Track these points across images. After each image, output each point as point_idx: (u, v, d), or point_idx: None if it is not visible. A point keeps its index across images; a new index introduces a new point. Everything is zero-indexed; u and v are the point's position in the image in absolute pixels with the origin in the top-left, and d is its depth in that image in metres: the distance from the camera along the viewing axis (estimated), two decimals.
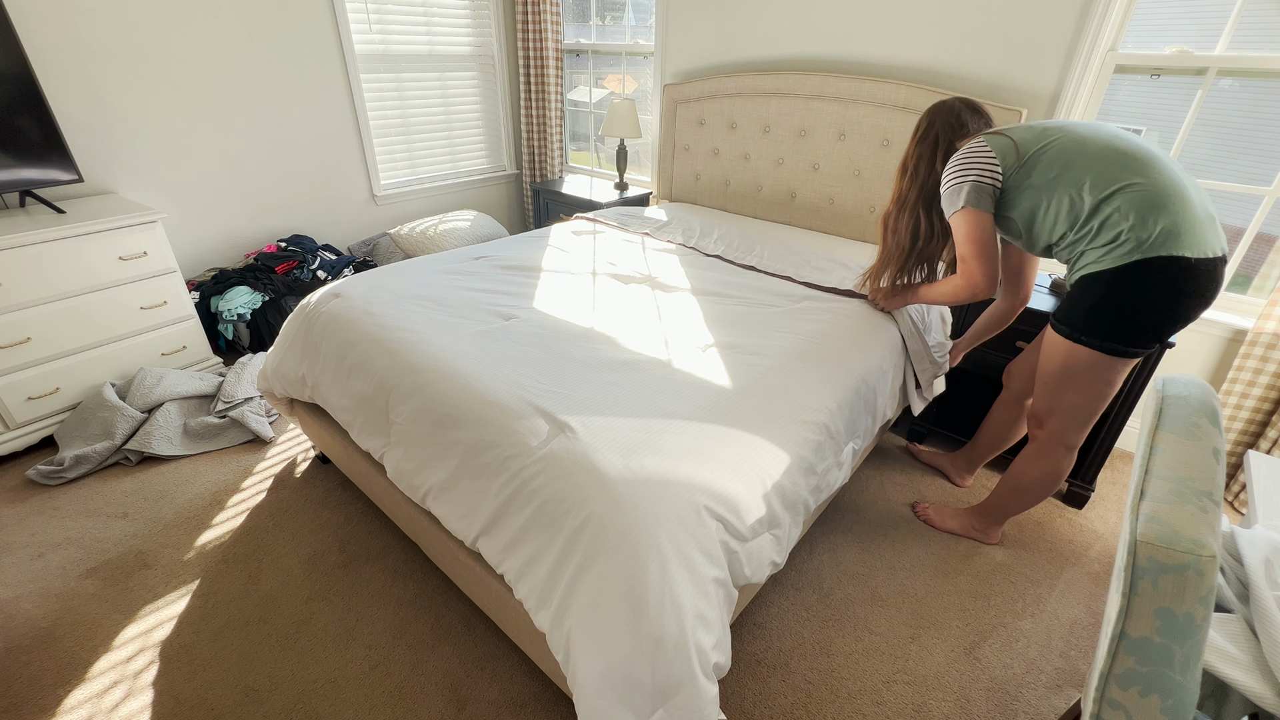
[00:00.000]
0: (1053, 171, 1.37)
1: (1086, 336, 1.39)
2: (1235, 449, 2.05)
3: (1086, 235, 1.35)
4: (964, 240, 1.48)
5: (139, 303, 2.27)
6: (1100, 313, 1.36)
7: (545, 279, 2.04)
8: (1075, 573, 1.79)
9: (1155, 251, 1.26)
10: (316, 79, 3.01)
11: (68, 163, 2.17)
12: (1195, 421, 0.87)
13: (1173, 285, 1.27)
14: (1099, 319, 1.36)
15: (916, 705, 1.41)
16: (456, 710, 1.37)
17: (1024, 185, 1.41)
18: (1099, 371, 1.42)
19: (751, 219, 2.90)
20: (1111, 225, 1.30)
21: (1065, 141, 1.38)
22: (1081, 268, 1.38)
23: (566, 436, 1.20)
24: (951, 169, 1.49)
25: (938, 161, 1.59)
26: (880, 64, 2.45)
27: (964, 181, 1.45)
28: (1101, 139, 1.35)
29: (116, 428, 2.09)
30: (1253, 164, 1.95)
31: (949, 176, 1.49)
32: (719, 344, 1.61)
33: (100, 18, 2.33)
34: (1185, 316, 1.31)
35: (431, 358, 1.48)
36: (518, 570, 1.17)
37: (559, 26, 3.57)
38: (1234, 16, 1.85)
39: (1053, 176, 1.37)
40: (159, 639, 1.51)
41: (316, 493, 2.01)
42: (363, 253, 3.35)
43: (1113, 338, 1.36)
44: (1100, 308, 1.35)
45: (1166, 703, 0.75)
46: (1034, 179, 1.39)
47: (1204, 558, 0.68)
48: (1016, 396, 1.84)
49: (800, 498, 1.31)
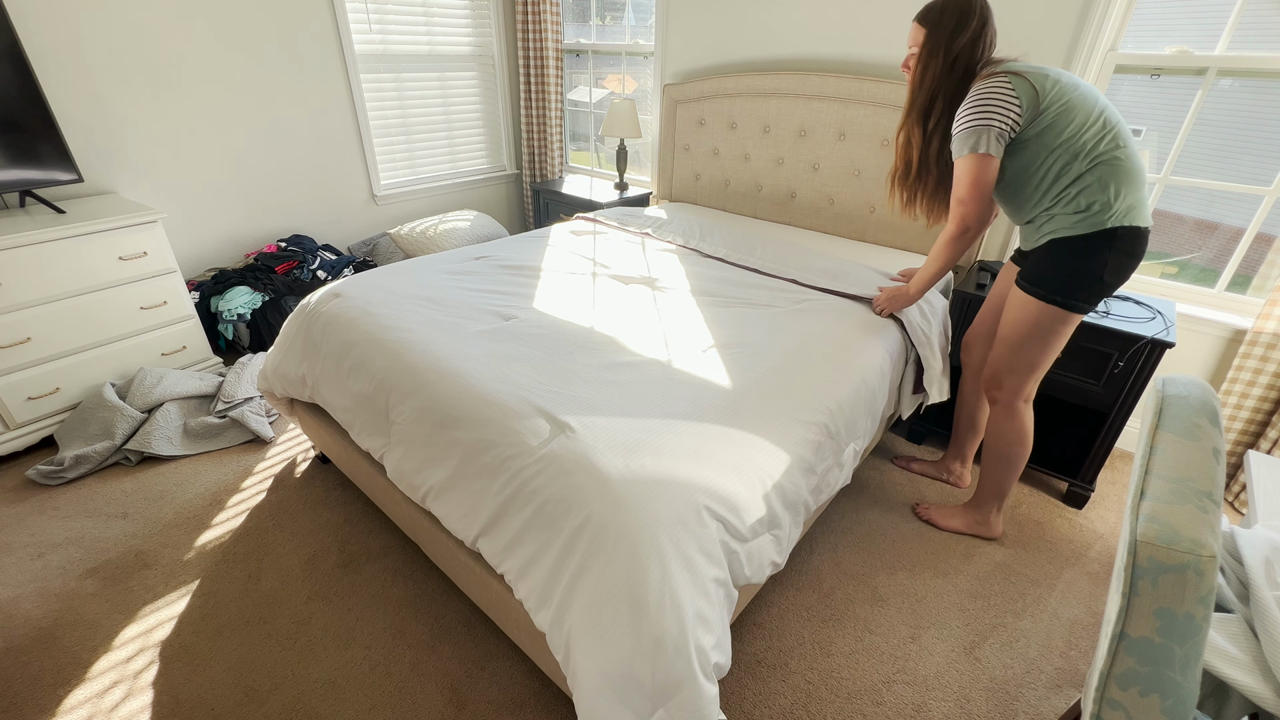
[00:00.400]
0: (1057, 130, 1.40)
1: (1061, 296, 1.49)
2: (1235, 449, 2.05)
3: (1063, 200, 1.42)
4: (969, 185, 1.47)
5: (139, 303, 2.27)
6: (1073, 274, 1.46)
7: (545, 279, 2.04)
8: (1075, 573, 1.79)
9: (1122, 221, 1.39)
10: (317, 79, 3.01)
11: (68, 163, 2.17)
12: (1195, 421, 0.87)
13: (1130, 251, 1.42)
14: (1070, 280, 1.47)
15: (916, 705, 1.41)
16: (456, 710, 1.37)
17: (1028, 137, 1.43)
18: (1064, 328, 1.53)
19: (752, 219, 2.90)
20: (1089, 194, 1.39)
21: (1070, 100, 1.39)
22: (1051, 232, 1.47)
23: (567, 436, 1.20)
24: (973, 109, 1.41)
25: (947, 71, 1.49)
26: (880, 64, 2.45)
27: (986, 127, 1.40)
28: (1094, 104, 1.40)
29: (116, 428, 2.09)
30: (1253, 164, 1.95)
31: (969, 116, 1.42)
32: (719, 344, 1.61)
33: (100, 18, 2.33)
34: (1128, 277, 1.48)
35: (432, 358, 1.48)
36: (518, 570, 1.17)
37: (559, 26, 3.57)
38: (1234, 16, 1.85)
39: (1057, 136, 1.40)
40: (159, 639, 1.51)
41: (316, 493, 2.01)
42: (363, 253, 3.35)
43: (1079, 297, 1.48)
44: (1073, 270, 1.45)
45: (1166, 703, 0.75)
46: (1042, 135, 1.41)
47: (1204, 558, 0.68)
48: (980, 364, 1.90)
49: (800, 498, 1.31)
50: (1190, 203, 2.19)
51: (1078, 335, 1.87)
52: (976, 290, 2.03)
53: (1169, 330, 1.77)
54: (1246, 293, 2.07)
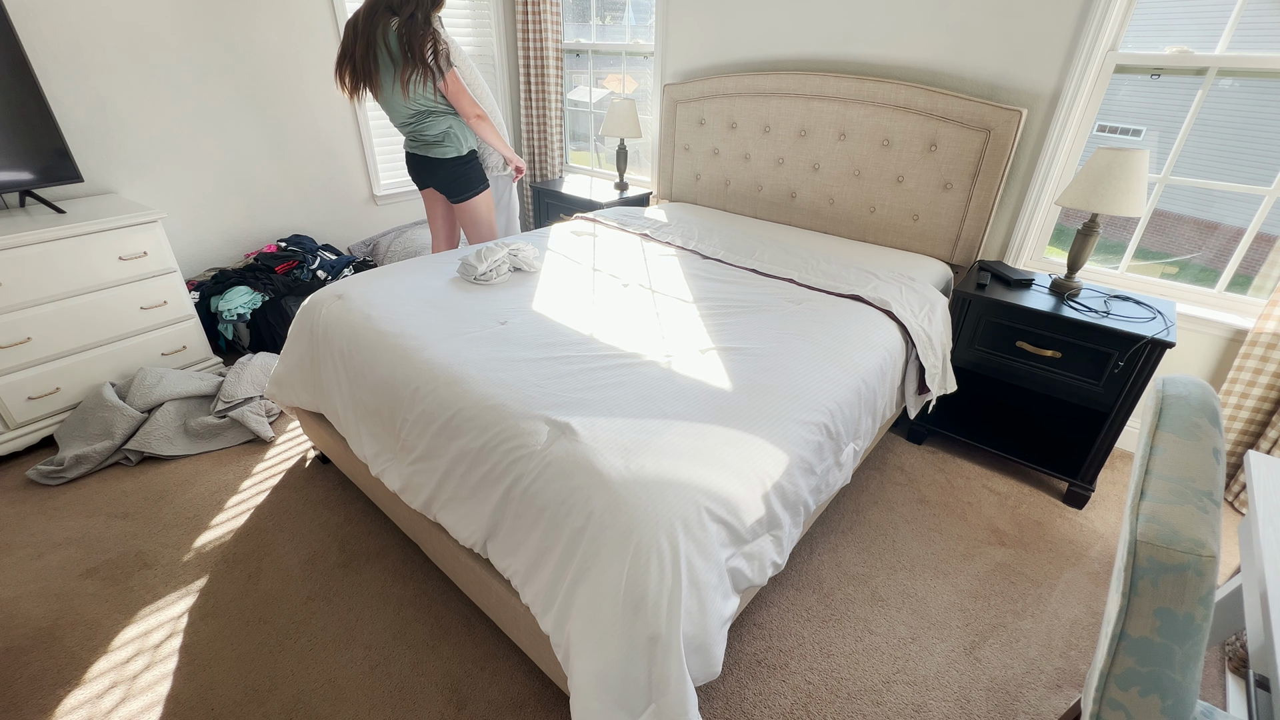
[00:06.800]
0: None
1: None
2: (1235, 449, 2.05)
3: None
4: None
5: (139, 303, 2.27)
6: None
7: (545, 280, 2.04)
8: (1075, 573, 1.79)
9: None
10: (317, 78, 3.01)
11: (68, 163, 2.17)
12: (1195, 421, 0.87)
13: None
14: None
15: (916, 705, 1.41)
16: (456, 710, 1.37)
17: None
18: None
19: (751, 220, 2.90)
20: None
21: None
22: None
23: (568, 439, 1.20)
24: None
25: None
26: (880, 64, 2.45)
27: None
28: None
29: (116, 428, 2.09)
30: (1253, 164, 1.95)
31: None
32: (719, 345, 1.61)
33: (100, 18, 2.33)
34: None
35: (432, 364, 1.48)
36: (523, 574, 1.17)
37: (559, 26, 3.57)
38: (1234, 16, 1.85)
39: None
40: (159, 639, 1.51)
41: (316, 493, 2.01)
42: (363, 253, 3.35)
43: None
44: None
45: (1166, 703, 0.75)
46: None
47: (1204, 558, 0.68)
48: None
49: (800, 498, 1.31)
50: (1190, 203, 2.19)
51: (1078, 335, 1.87)
52: (977, 290, 2.03)
53: (1169, 330, 1.77)
54: (1247, 293, 2.07)
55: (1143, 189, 1.75)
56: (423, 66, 2.04)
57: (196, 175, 2.76)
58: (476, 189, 2.44)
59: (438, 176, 2.40)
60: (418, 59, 2.02)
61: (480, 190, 2.45)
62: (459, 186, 2.40)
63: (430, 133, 2.27)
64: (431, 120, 2.24)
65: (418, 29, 2.01)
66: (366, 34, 2.07)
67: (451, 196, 2.44)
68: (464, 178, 2.39)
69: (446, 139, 2.28)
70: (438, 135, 2.27)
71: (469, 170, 2.40)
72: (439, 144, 2.29)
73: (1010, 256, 2.39)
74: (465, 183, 2.40)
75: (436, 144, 2.30)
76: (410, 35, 2.00)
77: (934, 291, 2.06)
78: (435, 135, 2.27)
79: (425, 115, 2.23)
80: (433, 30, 2.03)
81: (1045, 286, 2.07)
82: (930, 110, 2.26)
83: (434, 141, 2.29)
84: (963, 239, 2.36)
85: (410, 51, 2.02)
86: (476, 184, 2.43)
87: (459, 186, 2.40)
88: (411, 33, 2.00)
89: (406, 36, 2.00)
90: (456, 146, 2.32)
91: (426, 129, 2.26)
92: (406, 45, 2.01)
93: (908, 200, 2.44)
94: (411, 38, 2.00)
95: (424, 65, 2.04)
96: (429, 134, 2.27)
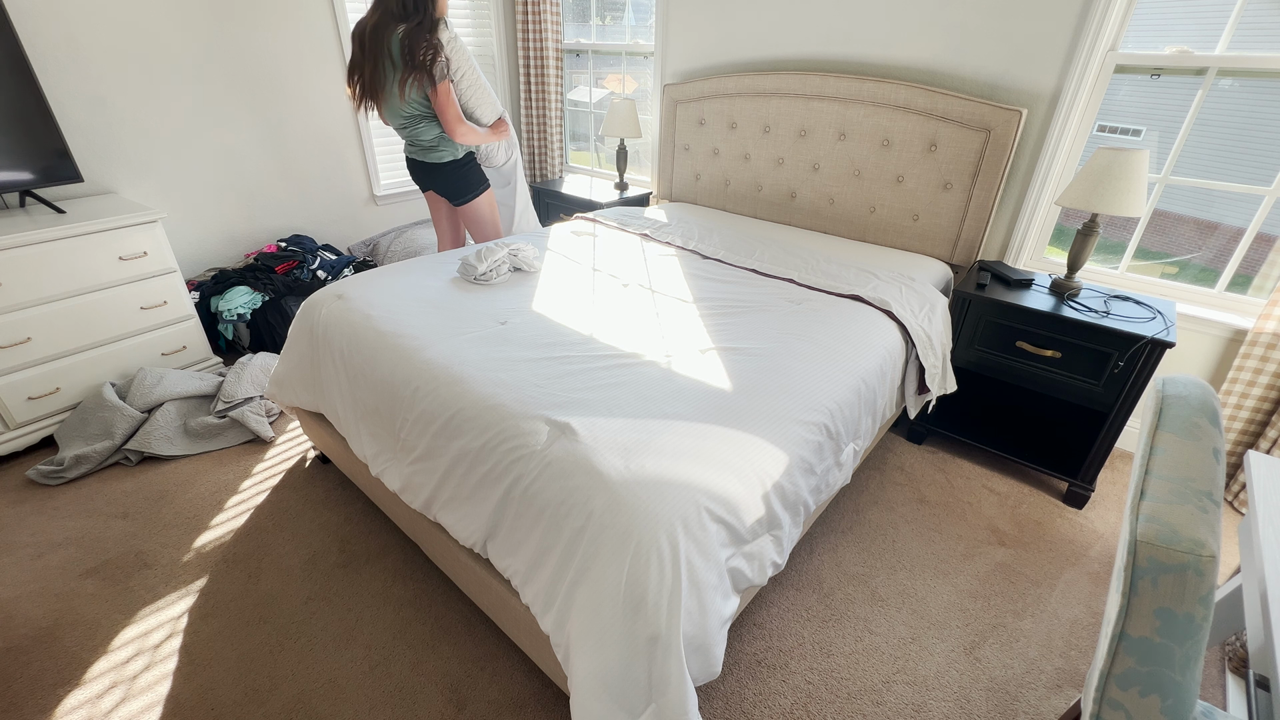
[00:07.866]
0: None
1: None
2: (1235, 449, 2.05)
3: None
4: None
5: (139, 303, 2.27)
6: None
7: (545, 280, 2.04)
8: (1075, 573, 1.79)
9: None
10: (317, 78, 3.01)
11: (68, 163, 2.17)
12: (1195, 421, 0.87)
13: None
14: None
15: (916, 705, 1.41)
16: (456, 710, 1.37)
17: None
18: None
19: (751, 220, 2.90)
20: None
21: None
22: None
23: (568, 439, 1.20)
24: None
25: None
26: (880, 64, 2.45)
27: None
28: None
29: (116, 428, 2.09)
30: (1253, 164, 1.95)
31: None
32: (718, 345, 1.61)
33: (100, 17, 2.33)
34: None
35: (432, 364, 1.48)
36: (524, 575, 1.17)
37: (559, 26, 3.57)
38: (1234, 16, 1.85)
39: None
40: (159, 639, 1.51)
41: (316, 493, 2.01)
42: (363, 253, 3.35)
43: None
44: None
45: (1166, 703, 0.75)
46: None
47: (1204, 558, 0.68)
48: None
49: (800, 498, 1.31)
50: (1190, 203, 2.19)
51: (1078, 335, 1.87)
52: (977, 290, 2.03)
53: (1169, 330, 1.77)
54: (1247, 293, 2.07)
55: (1143, 189, 1.75)
56: (419, 71, 2.04)
57: (197, 175, 2.76)
58: (477, 190, 2.44)
59: (437, 181, 2.40)
60: (416, 64, 2.03)
61: (481, 191, 2.45)
62: (459, 189, 2.41)
63: (425, 138, 2.27)
64: (425, 125, 2.25)
65: (421, 35, 2.02)
66: (374, 50, 2.08)
67: (453, 199, 2.44)
68: (463, 180, 2.39)
69: (441, 143, 2.29)
70: (432, 140, 2.28)
71: (468, 172, 2.40)
72: (434, 149, 2.30)
73: (1010, 256, 2.39)
74: (465, 185, 2.40)
75: (432, 149, 2.30)
76: (413, 41, 2.01)
77: (934, 291, 2.06)
78: (429, 140, 2.28)
79: (418, 120, 2.23)
80: (435, 39, 2.04)
81: (1045, 286, 2.07)
82: (930, 110, 2.26)
83: (429, 146, 2.30)
84: (963, 239, 2.36)
85: (410, 57, 2.02)
86: (476, 185, 2.43)
87: (459, 189, 2.41)
88: (414, 39, 2.01)
89: (409, 42, 2.01)
90: (452, 150, 2.32)
91: (421, 134, 2.26)
92: (408, 51, 2.02)
93: (908, 200, 2.44)
94: (414, 44, 2.01)
95: (420, 70, 2.04)
96: (423, 139, 2.28)
